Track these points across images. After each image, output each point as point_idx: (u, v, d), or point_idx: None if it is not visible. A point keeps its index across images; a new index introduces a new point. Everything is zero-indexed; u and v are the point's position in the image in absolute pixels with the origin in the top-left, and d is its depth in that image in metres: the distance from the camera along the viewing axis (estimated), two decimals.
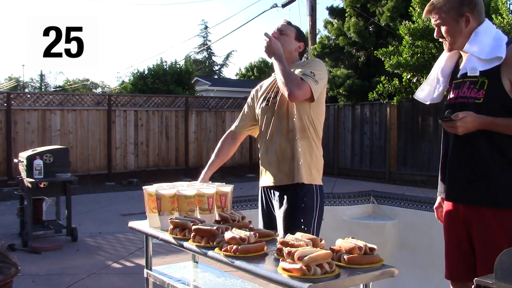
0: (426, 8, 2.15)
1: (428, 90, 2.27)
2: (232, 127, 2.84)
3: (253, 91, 2.79)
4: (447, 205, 2.21)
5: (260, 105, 2.62)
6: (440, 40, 2.15)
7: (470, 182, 2.04)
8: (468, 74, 2.02)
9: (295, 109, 2.44)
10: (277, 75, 2.40)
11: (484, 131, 1.97)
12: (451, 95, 2.13)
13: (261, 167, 2.62)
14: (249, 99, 2.79)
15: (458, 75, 2.11)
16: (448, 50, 2.16)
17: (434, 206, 2.37)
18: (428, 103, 2.31)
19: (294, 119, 2.44)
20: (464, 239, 2.11)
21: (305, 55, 2.94)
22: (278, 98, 2.49)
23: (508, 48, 1.95)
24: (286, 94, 2.34)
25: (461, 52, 2.15)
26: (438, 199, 2.33)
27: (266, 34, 2.46)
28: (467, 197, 2.06)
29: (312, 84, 2.36)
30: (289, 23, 2.62)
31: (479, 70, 1.99)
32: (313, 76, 2.38)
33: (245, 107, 2.81)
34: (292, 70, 2.44)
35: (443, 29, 2.09)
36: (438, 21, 2.09)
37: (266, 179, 2.57)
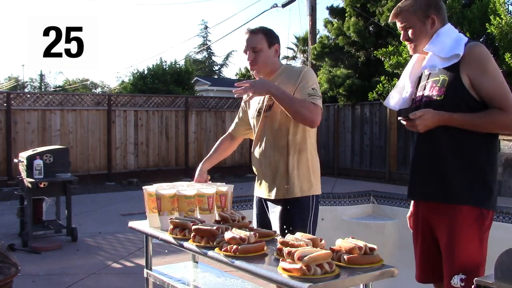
0: (393, 12, 2.19)
1: (398, 97, 2.31)
2: (230, 129, 2.83)
3: (245, 96, 2.72)
4: (412, 206, 2.25)
5: (253, 115, 2.57)
6: (406, 43, 2.20)
7: (431, 180, 2.07)
8: (427, 72, 2.09)
9: (290, 125, 2.39)
10: (284, 107, 2.31)
11: (447, 129, 1.99)
12: (417, 97, 2.18)
13: (256, 176, 2.59)
14: (242, 103, 2.75)
15: (419, 73, 2.17)
16: (413, 52, 2.21)
17: (407, 216, 2.37)
18: (397, 109, 2.35)
19: (289, 135, 2.40)
20: (429, 239, 2.13)
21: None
22: (270, 111, 2.43)
23: (466, 47, 2.00)
24: (305, 123, 2.31)
25: (426, 56, 2.20)
26: (411, 208, 2.34)
27: (238, 84, 2.32)
28: (427, 195, 2.09)
29: (320, 104, 2.33)
30: (253, 32, 2.44)
31: (438, 68, 2.04)
32: (316, 92, 2.33)
33: (240, 111, 2.77)
34: (286, 79, 2.38)
35: (410, 31, 2.13)
36: (404, 24, 2.14)
37: (260, 191, 2.55)
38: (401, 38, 2.21)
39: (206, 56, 39.96)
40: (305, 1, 13.16)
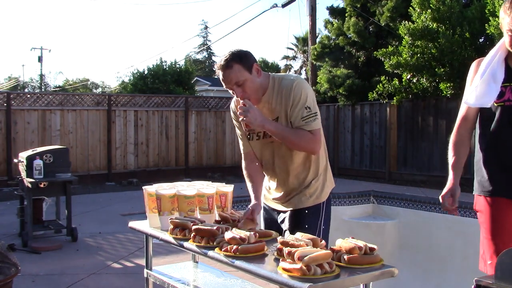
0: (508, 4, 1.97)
1: (485, 92, 2.09)
2: (244, 151, 2.50)
3: (232, 114, 2.56)
4: (499, 202, 2.11)
5: (250, 136, 2.41)
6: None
7: None
8: None
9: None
10: (283, 140, 2.24)
11: None
12: (507, 98, 2.05)
13: (265, 186, 2.48)
14: (234, 122, 2.55)
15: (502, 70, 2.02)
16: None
17: (441, 195, 2.17)
18: (489, 105, 2.11)
19: (299, 154, 2.30)
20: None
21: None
22: (271, 138, 2.30)
23: None
24: (306, 152, 2.26)
25: (510, 49, 2.04)
26: (449, 185, 2.17)
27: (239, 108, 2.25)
28: None
29: (318, 125, 2.24)
30: (228, 67, 2.19)
31: None
32: (310, 112, 2.21)
33: (237, 130, 2.54)
34: (279, 99, 2.25)
35: None
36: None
37: (271, 201, 2.46)
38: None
39: (206, 56, 39.99)
40: (305, 1, 13.17)
